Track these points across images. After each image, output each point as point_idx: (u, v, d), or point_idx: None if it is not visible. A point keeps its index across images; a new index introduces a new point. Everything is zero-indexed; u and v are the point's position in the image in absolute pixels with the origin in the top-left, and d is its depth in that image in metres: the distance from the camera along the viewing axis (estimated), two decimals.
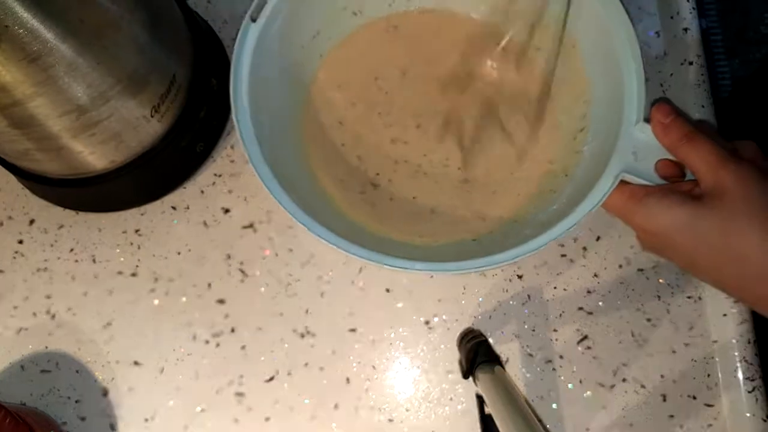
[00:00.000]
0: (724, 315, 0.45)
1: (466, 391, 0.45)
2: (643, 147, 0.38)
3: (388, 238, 0.43)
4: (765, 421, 0.44)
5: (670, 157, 0.37)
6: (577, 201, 0.38)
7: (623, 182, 0.38)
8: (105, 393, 0.45)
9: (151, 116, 0.40)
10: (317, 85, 0.47)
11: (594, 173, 0.39)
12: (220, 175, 0.49)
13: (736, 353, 0.45)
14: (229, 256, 0.47)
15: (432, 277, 0.47)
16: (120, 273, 0.47)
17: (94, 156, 0.40)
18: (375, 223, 0.44)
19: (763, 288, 0.33)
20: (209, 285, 0.47)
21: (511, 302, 0.46)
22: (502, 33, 0.46)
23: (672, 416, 0.44)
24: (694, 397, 0.45)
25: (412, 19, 0.48)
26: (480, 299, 0.46)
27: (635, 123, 0.39)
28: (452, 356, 0.45)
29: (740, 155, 0.35)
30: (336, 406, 0.45)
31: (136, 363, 0.46)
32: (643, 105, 0.39)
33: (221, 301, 0.47)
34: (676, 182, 0.38)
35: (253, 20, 0.40)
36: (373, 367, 0.45)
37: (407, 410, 0.45)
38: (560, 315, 0.46)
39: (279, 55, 0.43)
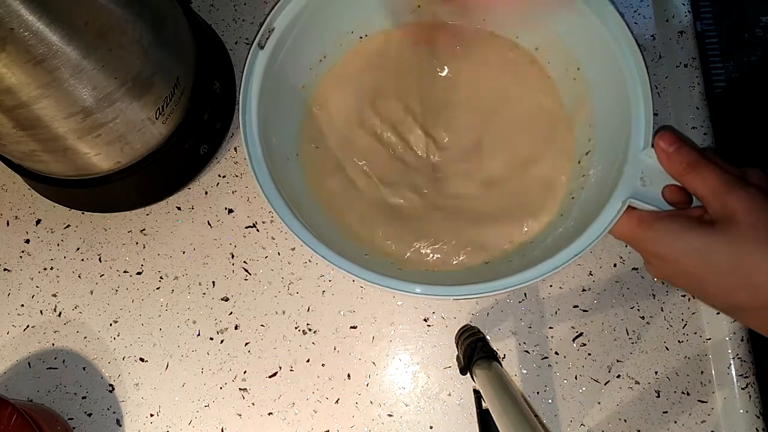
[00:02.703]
0: (718, 313, 0.46)
1: (463, 386, 0.45)
2: (650, 172, 0.38)
3: (390, 259, 0.43)
4: (758, 417, 0.44)
5: (678, 183, 0.37)
6: (584, 225, 0.38)
7: (630, 208, 0.37)
8: (111, 389, 0.46)
9: (156, 118, 0.41)
10: (322, 105, 0.47)
11: (601, 197, 0.39)
12: (223, 176, 0.49)
13: (730, 350, 0.45)
14: (232, 255, 0.48)
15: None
16: (126, 272, 0.48)
17: (99, 157, 0.41)
18: (380, 247, 0.44)
19: None
20: (213, 283, 0.48)
21: (507, 300, 0.47)
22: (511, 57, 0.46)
23: (665, 412, 0.45)
24: (688, 394, 0.45)
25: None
26: None
27: (643, 148, 0.38)
28: (450, 353, 0.46)
29: (747, 181, 0.35)
30: (337, 401, 0.45)
31: (141, 360, 0.46)
32: (651, 130, 0.38)
33: (225, 299, 0.47)
34: (684, 208, 0.37)
35: (261, 47, 0.41)
36: (374, 363, 0.46)
37: (406, 405, 0.45)
38: (556, 312, 0.47)
39: (287, 79, 0.43)
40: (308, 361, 0.46)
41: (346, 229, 0.44)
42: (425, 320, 0.47)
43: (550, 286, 0.47)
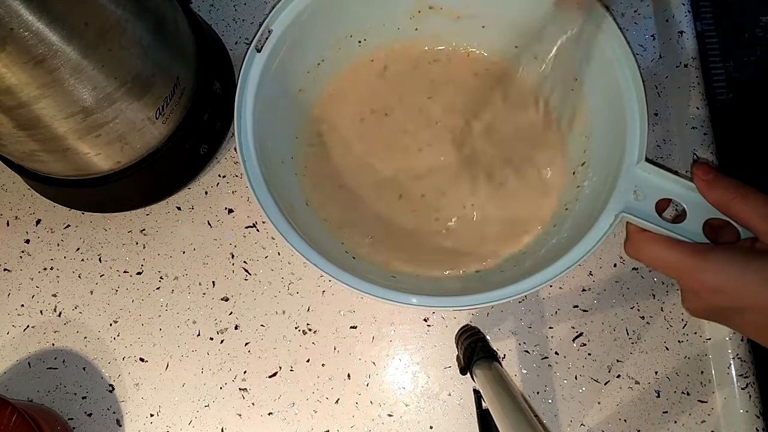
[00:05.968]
0: None
1: (463, 386, 0.45)
2: (644, 186, 0.37)
3: (388, 269, 0.44)
4: (758, 417, 0.44)
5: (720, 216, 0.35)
6: (576, 237, 0.38)
7: (671, 240, 0.35)
8: (111, 389, 0.46)
9: (156, 118, 0.41)
10: (321, 111, 0.47)
11: (594, 210, 0.38)
12: (223, 176, 0.49)
13: (730, 350, 0.45)
14: (232, 255, 0.48)
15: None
16: (126, 272, 0.48)
17: (99, 157, 0.41)
18: (374, 255, 0.44)
19: None
20: (213, 283, 0.48)
21: (507, 300, 0.47)
22: (508, 69, 0.46)
23: (665, 412, 0.45)
24: (688, 394, 0.45)
25: (417, 52, 0.47)
26: None
27: (637, 161, 0.38)
28: (450, 353, 0.46)
29: None
30: (337, 401, 0.45)
31: (141, 360, 0.46)
32: (645, 143, 0.38)
33: (225, 299, 0.47)
34: (723, 242, 0.35)
35: (258, 50, 0.40)
36: (374, 363, 0.46)
37: (406, 405, 0.45)
38: (556, 312, 0.47)
39: (284, 83, 0.43)
40: (308, 361, 0.46)
41: (339, 234, 0.44)
42: (425, 320, 0.47)
43: (550, 286, 0.47)
